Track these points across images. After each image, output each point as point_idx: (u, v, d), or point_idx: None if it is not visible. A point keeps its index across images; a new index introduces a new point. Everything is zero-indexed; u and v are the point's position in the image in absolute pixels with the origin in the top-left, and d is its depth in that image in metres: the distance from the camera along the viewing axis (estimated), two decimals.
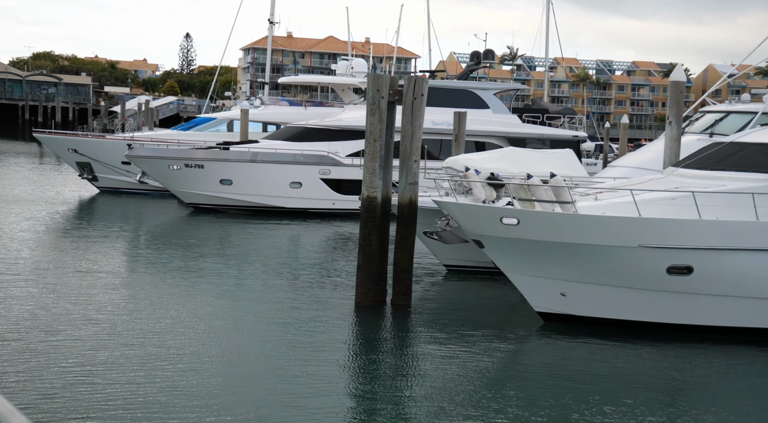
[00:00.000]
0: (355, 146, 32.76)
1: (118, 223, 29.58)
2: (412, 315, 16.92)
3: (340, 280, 20.06)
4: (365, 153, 17.08)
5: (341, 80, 41.99)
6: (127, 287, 19.21)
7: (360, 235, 17.15)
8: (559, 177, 14.59)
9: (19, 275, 19.57)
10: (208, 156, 31.59)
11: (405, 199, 17.11)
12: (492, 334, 15.53)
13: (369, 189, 16.95)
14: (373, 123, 16.89)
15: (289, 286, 19.35)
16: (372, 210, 16.95)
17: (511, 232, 14.63)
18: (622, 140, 38.33)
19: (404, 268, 17.14)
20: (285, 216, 32.05)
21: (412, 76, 17.16)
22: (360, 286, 16.98)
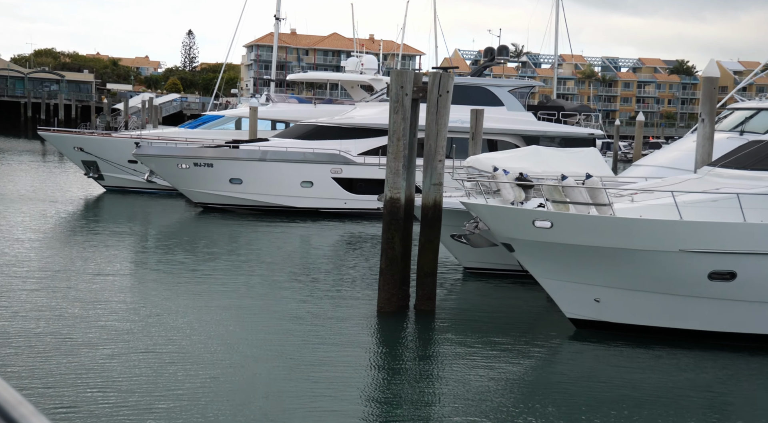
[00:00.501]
0: (367, 144, 32.12)
1: (126, 224, 28.93)
2: (437, 320, 16.26)
3: (358, 284, 19.39)
4: (388, 153, 16.41)
5: (351, 77, 41.29)
6: (137, 290, 18.65)
7: (382, 238, 16.48)
8: (595, 178, 13.91)
9: (26, 278, 18.97)
10: (218, 155, 30.92)
11: (429, 200, 16.44)
12: (521, 341, 14.88)
13: (392, 190, 16.28)
14: (396, 121, 16.22)
15: (305, 289, 18.69)
16: (395, 212, 16.28)
17: (544, 235, 13.96)
18: (638, 138, 37.56)
19: (428, 272, 16.47)
20: (296, 216, 31.39)
21: (437, 72, 16.48)
22: (382, 291, 16.32)
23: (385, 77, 41.49)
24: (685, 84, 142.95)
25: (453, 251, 20.60)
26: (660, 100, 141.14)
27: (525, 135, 33.26)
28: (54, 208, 31.57)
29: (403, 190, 16.36)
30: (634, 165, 22.33)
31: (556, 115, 34.30)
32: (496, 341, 14.81)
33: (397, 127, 16.21)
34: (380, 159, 32.02)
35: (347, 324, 15.70)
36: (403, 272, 16.62)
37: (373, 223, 30.89)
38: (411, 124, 16.59)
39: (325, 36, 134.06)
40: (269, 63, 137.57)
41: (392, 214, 16.27)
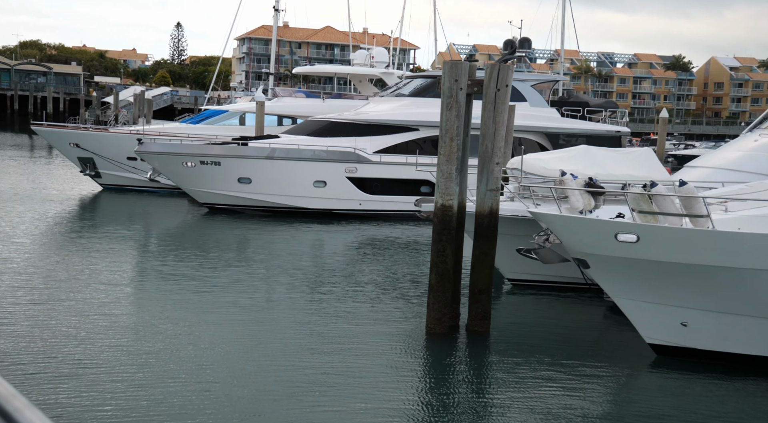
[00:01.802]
0: (383, 142, 30.31)
1: (126, 226, 26.97)
2: (492, 343, 14.47)
3: (394, 298, 17.56)
4: (439, 154, 14.59)
5: (361, 70, 39.35)
6: (139, 298, 16.99)
7: (432, 251, 14.66)
8: (691, 185, 12.13)
9: (17, 287, 17.17)
10: (226, 152, 28.99)
11: (485, 208, 14.63)
12: (591, 368, 13.12)
13: (444, 196, 14.46)
14: (449, 119, 14.39)
15: (334, 304, 16.84)
16: (447, 221, 14.46)
17: (627, 250, 12.19)
18: (661, 136, 35.93)
19: (482, 289, 14.68)
20: (308, 218, 29.53)
21: (495, 64, 14.66)
22: (432, 310, 14.51)
23: (398, 71, 39.67)
24: (681, 80, 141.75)
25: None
26: (656, 96, 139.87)
27: (549, 132, 31.54)
28: (47, 209, 29.57)
29: (456, 197, 14.54)
30: (687, 167, 20.59)
31: (580, 111, 32.56)
32: (562, 368, 13.06)
33: (450, 126, 14.38)
34: (405, 158, 30.26)
35: (391, 347, 13.89)
36: (455, 289, 14.84)
37: (390, 225, 29.09)
38: (465, 123, 14.76)
39: (318, 29, 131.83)
40: (261, 56, 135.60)
41: (444, 223, 14.45)
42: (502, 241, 15.53)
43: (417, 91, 31.71)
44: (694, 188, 12.21)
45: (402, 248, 24.94)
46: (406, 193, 30.43)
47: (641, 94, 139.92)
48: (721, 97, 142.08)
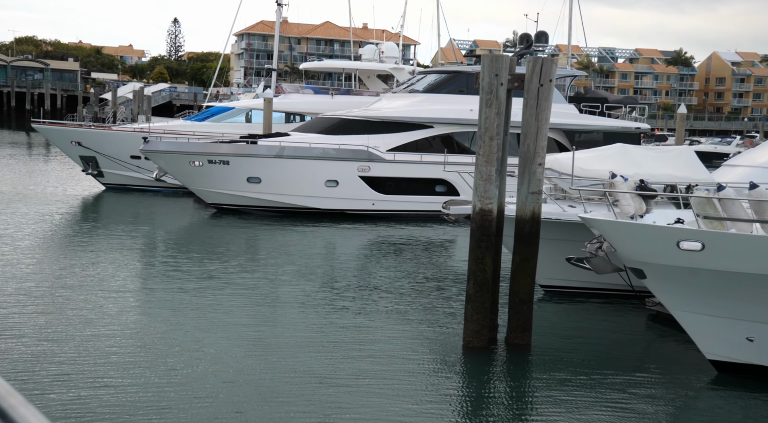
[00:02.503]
0: (397, 140, 29.27)
1: (130, 227, 25.92)
2: (535, 357, 13.46)
3: (422, 307, 16.53)
4: (477, 154, 13.55)
5: (370, 66, 38.24)
6: (147, 303, 16.12)
7: (470, 258, 13.63)
8: (763, 188, 11.11)
9: (18, 294, 16.20)
10: (234, 151, 27.93)
11: (526, 212, 13.60)
12: (642, 385, 12.13)
13: (483, 200, 13.43)
14: (489, 117, 13.35)
15: (357, 313, 15.82)
16: (486, 226, 13.43)
17: (691, 259, 11.17)
18: (680, 132, 34.93)
19: (524, 299, 13.66)
20: (319, 218, 28.48)
21: (538, 57, 13.63)
22: (470, 322, 13.49)
23: (408, 66, 38.58)
24: (683, 75, 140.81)
25: None
26: (657, 91, 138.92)
27: (567, 129, 30.50)
28: (48, 210, 28.50)
29: (496, 200, 13.51)
30: (726, 165, 19.55)
31: (599, 107, 31.53)
32: (611, 386, 12.07)
33: (489, 124, 13.34)
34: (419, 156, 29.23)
35: (426, 363, 12.87)
36: (493, 299, 13.82)
37: (405, 226, 28.07)
38: (505, 121, 13.73)
39: (317, 25, 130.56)
40: (260, 52, 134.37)
41: (483, 229, 13.42)
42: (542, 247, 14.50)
43: (432, 86, 30.67)
44: (766, 192, 11.18)
45: (421, 251, 23.93)
46: (420, 192, 29.44)
47: (642, 90, 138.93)
48: (723, 93, 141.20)
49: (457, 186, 29.58)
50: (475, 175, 13.61)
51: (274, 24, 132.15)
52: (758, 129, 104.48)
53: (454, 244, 25.47)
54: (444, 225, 28.45)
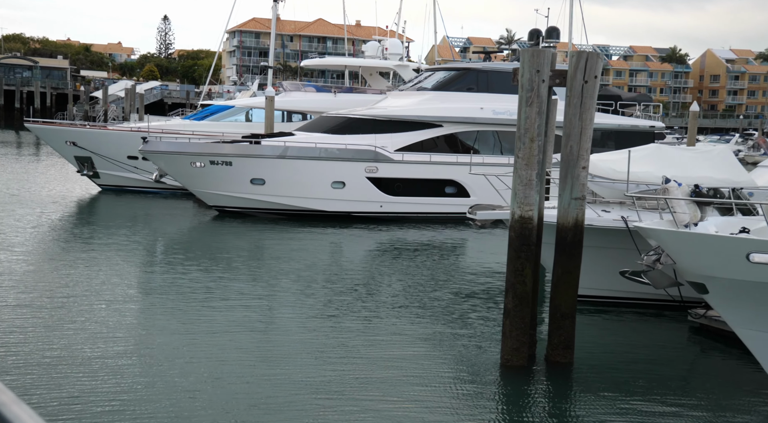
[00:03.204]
0: (405, 139, 28.25)
1: (128, 230, 24.80)
2: (578, 376, 12.45)
3: (448, 319, 15.50)
4: (516, 158, 12.52)
5: (373, 63, 37.15)
6: (145, 311, 15.21)
7: (509, 270, 12.61)
8: None
9: (10, 303, 15.13)
10: (237, 151, 26.82)
11: (569, 220, 12.59)
12: (703, 411, 11.14)
13: (523, 206, 12.41)
14: (529, 116, 12.33)
15: (370, 323, 14.80)
16: (527, 235, 12.41)
17: (762, 274, 10.18)
18: (692, 131, 34.03)
19: (566, 314, 12.65)
20: (325, 221, 27.42)
21: (582, 51, 12.62)
22: (509, 338, 12.47)
23: (412, 63, 37.56)
24: (678, 73, 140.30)
25: None
26: (652, 88, 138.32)
27: None
28: (42, 213, 27.35)
29: (536, 207, 12.50)
30: (762, 166, 18.64)
31: (612, 105, 30.59)
32: (665, 410, 11.08)
33: (530, 124, 12.32)
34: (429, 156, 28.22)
35: (460, 383, 11.87)
36: (533, 313, 12.82)
37: (414, 228, 27.05)
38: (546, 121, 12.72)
39: (310, 22, 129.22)
40: (252, 49, 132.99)
41: (523, 238, 12.40)
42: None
43: (441, 84, 29.65)
44: None
45: (436, 255, 22.92)
46: (430, 193, 28.44)
47: (637, 87, 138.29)
48: (718, 90, 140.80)
49: (467, 187, 28.62)
50: (513, 179, 12.59)
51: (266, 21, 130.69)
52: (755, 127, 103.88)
53: (471, 248, 24.46)
54: (456, 228, 27.46)
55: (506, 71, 29.99)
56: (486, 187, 28.75)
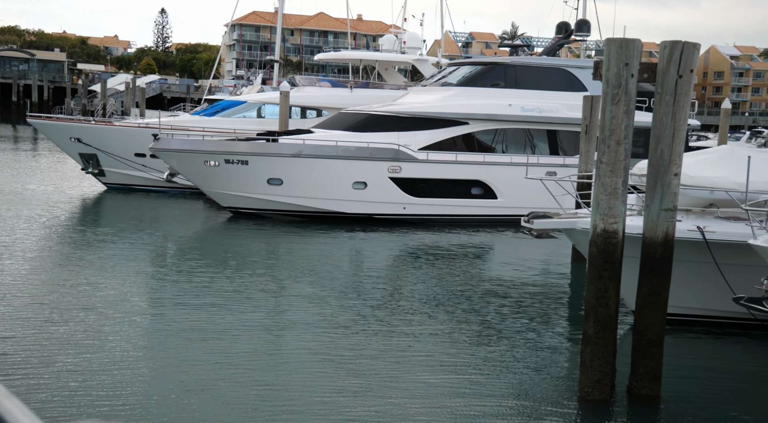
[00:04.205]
0: (429, 137, 26.71)
1: (134, 232, 23.31)
2: (667, 412, 10.94)
3: (500, 339, 13.97)
4: (599, 163, 10.98)
5: (391, 57, 35.48)
6: (153, 321, 14.13)
7: (589, 291, 11.08)
8: None
9: (13, 305, 14.22)
10: (254, 150, 25.24)
11: (658, 233, 11.08)
12: None
13: (607, 219, 10.87)
14: (616, 116, 10.79)
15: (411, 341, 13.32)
16: (611, 252, 10.88)
17: None
18: (723, 128, 32.57)
19: (653, 341, 11.14)
20: (346, 223, 25.88)
21: (677, 41, 11.08)
22: (589, 369, 10.95)
23: (432, 58, 35.97)
24: None
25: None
26: None
27: None
28: (44, 212, 25.82)
29: (623, 219, 10.97)
30: None
31: (646, 102, 29.04)
32: None
33: (617, 125, 10.78)
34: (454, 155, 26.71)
35: (532, 419, 10.37)
36: (614, 339, 11.30)
37: (440, 232, 25.54)
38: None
39: (311, 16, 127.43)
40: (252, 43, 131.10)
41: (606, 254, 10.87)
42: (630, 266, 11.95)
43: (467, 80, 28.08)
44: None
45: (467, 261, 21.46)
46: (455, 195, 26.90)
47: None
48: (722, 87, 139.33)
49: (494, 188, 27.13)
50: (595, 188, 11.06)
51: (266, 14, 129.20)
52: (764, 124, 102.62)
53: (506, 253, 22.92)
54: (484, 231, 25.95)
55: (536, 66, 28.47)
56: (514, 188, 27.32)
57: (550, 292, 17.88)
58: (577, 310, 16.29)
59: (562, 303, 17.21)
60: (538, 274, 19.97)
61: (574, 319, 15.66)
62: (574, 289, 18.69)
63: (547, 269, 20.80)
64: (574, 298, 17.71)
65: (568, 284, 19.31)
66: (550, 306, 16.57)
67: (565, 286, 19.01)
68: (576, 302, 17.12)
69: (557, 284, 18.95)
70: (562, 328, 15.05)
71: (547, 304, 16.70)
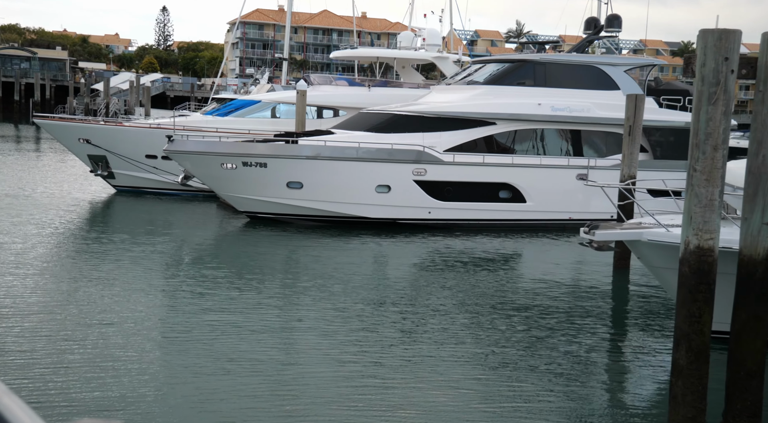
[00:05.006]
0: (456, 138, 25.44)
1: (145, 237, 22.08)
2: None
3: (560, 363, 12.68)
4: (692, 171, 9.68)
5: (410, 55, 34.10)
6: (166, 333, 13.26)
7: (679, 316, 9.80)
8: None
9: (21, 315, 13.61)
10: (273, 151, 23.95)
11: (757, 250, 9.79)
12: None
13: (701, 234, 9.58)
14: (712, 118, 9.49)
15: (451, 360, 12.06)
16: (706, 271, 9.60)
17: None
18: None
19: (752, 372, 9.85)
20: (368, 228, 24.60)
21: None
22: (681, 405, 9.67)
23: (452, 55, 34.66)
24: None
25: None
26: None
27: (646, 126, 26.66)
28: (51, 216, 24.61)
29: (718, 234, 9.68)
30: None
31: (681, 100, 27.80)
32: None
33: (714, 128, 9.48)
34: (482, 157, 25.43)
35: None
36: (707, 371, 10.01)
37: (468, 238, 24.28)
38: None
39: (315, 13, 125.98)
40: (256, 41, 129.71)
41: (700, 274, 9.59)
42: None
43: (494, 77, 26.79)
44: None
45: (500, 270, 20.22)
46: (483, 198, 25.62)
47: None
48: None
49: (523, 191, 25.86)
50: (688, 199, 9.77)
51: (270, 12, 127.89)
52: None
53: (544, 261, 21.57)
54: (512, 236, 24.67)
55: (567, 63, 27.18)
56: (544, 191, 26.02)
57: (596, 306, 16.59)
58: (636, 328, 15.00)
59: (615, 320, 15.93)
60: (577, 284, 18.71)
61: (635, 340, 14.32)
62: (622, 303, 17.44)
63: (586, 278, 19.53)
64: (627, 313, 16.43)
65: (615, 296, 18.06)
66: (601, 323, 15.29)
67: (612, 299, 17.75)
68: (631, 319, 15.84)
69: (601, 296, 17.68)
70: (623, 353, 13.73)
71: (596, 321, 15.40)
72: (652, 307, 16.44)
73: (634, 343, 13.93)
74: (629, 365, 12.79)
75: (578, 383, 11.62)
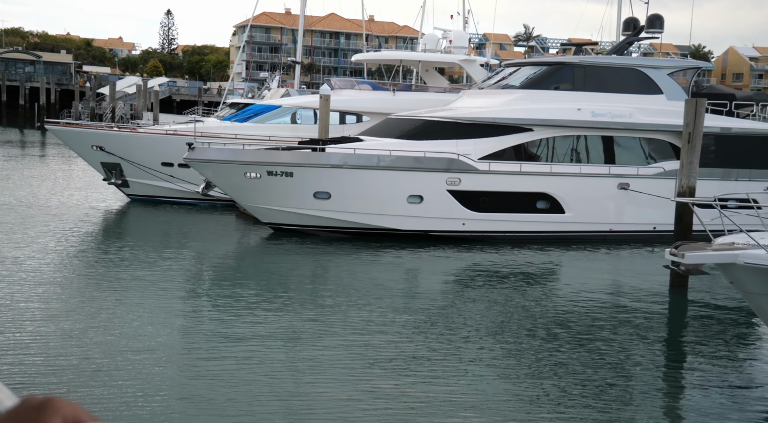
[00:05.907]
0: (490, 146, 24.07)
1: (162, 250, 20.84)
2: None
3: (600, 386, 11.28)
4: None
5: (435, 58, 32.65)
6: (185, 352, 12.47)
7: None
8: None
9: (32, 329, 12.95)
10: (300, 160, 22.59)
11: None
12: None
13: None
14: None
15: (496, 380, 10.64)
16: None
17: None
18: None
19: None
20: (400, 241, 23.21)
21: None
22: None
23: (480, 58, 33.24)
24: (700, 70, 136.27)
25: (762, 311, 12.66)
26: None
27: None
28: (62, 227, 23.37)
29: None
30: None
31: (727, 105, 26.40)
32: None
33: None
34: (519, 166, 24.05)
35: None
36: None
37: (505, 250, 22.90)
38: None
39: (322, 17, 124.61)
40: (263, 45, 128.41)
41: None
42: None
43: (530, 82, 25.43)
44: None
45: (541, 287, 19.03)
46: (520, 209, 24.24)
47: None
48: (741, 89, 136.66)
49: (561, 201, 24.47)
50: None
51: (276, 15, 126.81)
52: None
53: (589, 277, 20.15)
54: (550, 249, 23.26)
55: (607, 66, 25.80)
56: (584, 201, 24.63)
57: (651, 330, 15.18)
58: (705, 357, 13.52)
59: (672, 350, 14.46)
60: (629, 305, 17.26)
61: (696, 377, 12.69)
62: (681, 327, 16.01)
63: (638, 298, 18.04)
64: (694, 341, 14.92)
65: (672, 318, 16.64)
66: (657, 352, 13.84)
67: (669, 321, 16.36)
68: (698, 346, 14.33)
69: (656, 317, 16.28)
70: (683, 392, 12.12)
71: (649, 349, 13.92)
72: (716, 335, 14.97)
73: (695, 381, 12.36)
74: (687, 408, 11.36)
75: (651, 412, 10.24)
